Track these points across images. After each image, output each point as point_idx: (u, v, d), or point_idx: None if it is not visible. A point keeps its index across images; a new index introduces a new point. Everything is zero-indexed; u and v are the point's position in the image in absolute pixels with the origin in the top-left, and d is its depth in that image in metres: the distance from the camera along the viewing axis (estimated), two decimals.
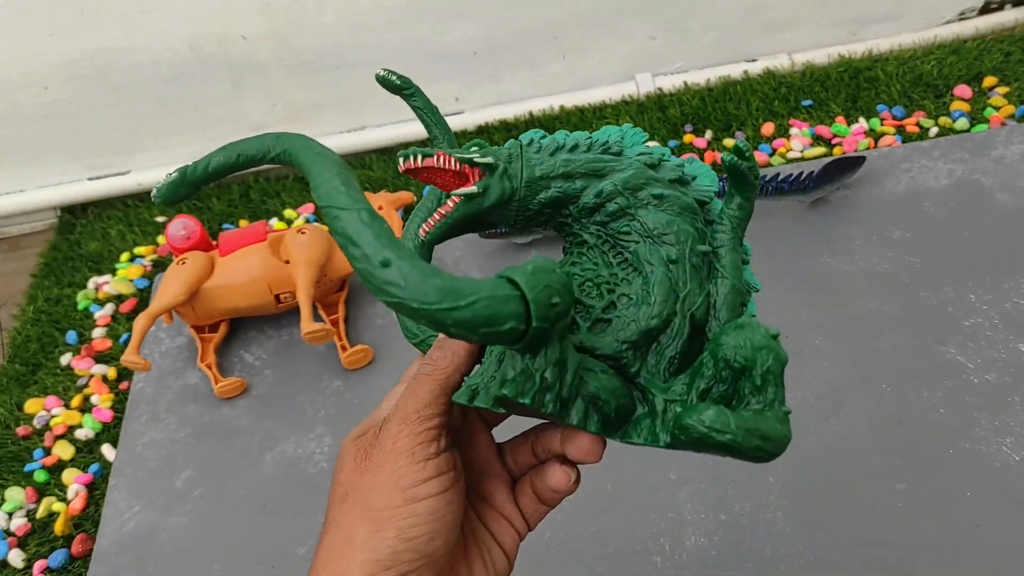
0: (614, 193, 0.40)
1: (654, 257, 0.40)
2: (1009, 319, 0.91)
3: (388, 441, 0.39)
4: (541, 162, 0.40)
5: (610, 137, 0.42)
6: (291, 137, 0.33)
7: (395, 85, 0.48)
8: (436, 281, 0.28)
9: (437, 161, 0.38)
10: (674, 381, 0.39)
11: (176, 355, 1.06)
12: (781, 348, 0.35)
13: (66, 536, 0.91)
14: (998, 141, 1.12)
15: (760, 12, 1.31)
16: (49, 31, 1.17)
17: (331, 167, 0.31)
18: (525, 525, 0.45)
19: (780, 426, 0.34)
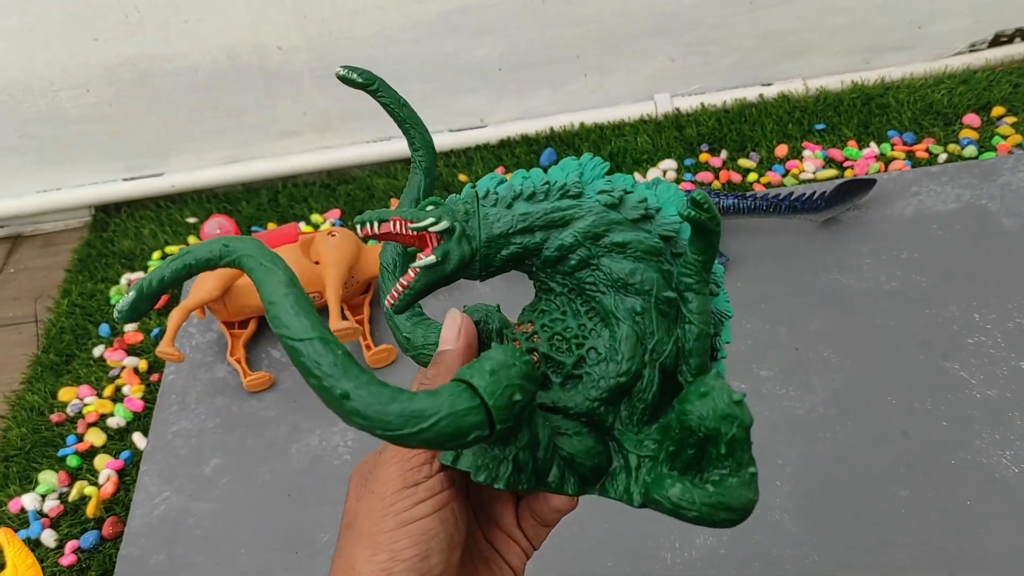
0: (575, 245, 0.39)
1: (620, 310, 0.39)
2: (1011, 338, 0.94)
3: (382, 467, 0.39)
4: (499, 217, 0.38)
5: (568, 177, 0.40)
6: (241, 245, 0.31)
7: (357, 83, 0.46)
8: (396, 407, 0.28)
9: (393, 227, 0.37)
10: (646, 432, 0.39)
11: (206, 349, 1.10)
12: (746, 413, 0.35)
13: (97, 519, 0.95)
14: (1005, 168, 1.15)
15: (777, 38, 1.36)
16: (93, 36, 1.22)
17: (281, 285, 0.30)
18: (530, 546, 0.45)
19: (745, 492, 0.35)
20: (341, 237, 1.04)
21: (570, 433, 0.38)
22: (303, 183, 1.39)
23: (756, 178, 1.22)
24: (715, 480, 0.35)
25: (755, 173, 1.23)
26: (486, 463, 0.37)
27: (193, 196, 1.39)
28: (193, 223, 1.33)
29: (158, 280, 0.32)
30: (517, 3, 1.27)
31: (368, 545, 0.37)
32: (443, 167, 1.35)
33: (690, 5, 1.30)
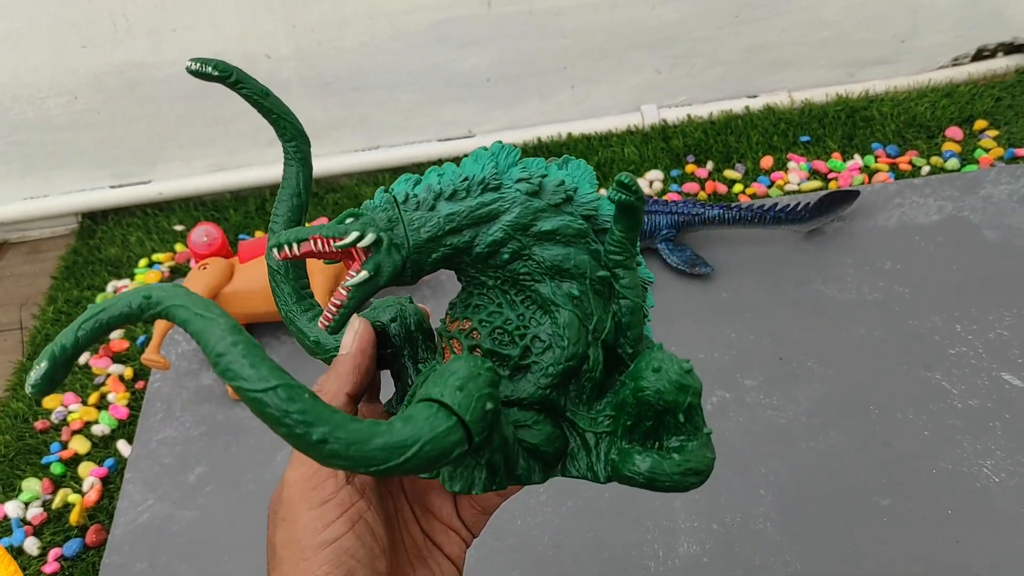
0: (505, 239, 0.39)
1: (558, 296, 0.39)
2: (992, 348, 0.95)
3: (286, 491, 0.38)
4: (424, 221, 0.38)
5: (484, 170, 0.39)
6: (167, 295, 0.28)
7: (212, 76, 0.42)
8: (377, 443, 0.28)
9: (315, 246, 0.35)
10: (597, 409, 0.40)
11: (192, 357, 1.10)
12: (697, 380, 0.37)
13: (81, 526, 0.94)
14: (987, 181, 1.17)
15: (762, 51, 1.37)
16: (82, 44, 1.22)
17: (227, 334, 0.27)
18: (470, 534, 0.45)
19: (706, 453, 0.37)
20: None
21: (529, 423, 0.39)
22: None
23: (741, 189, 1.23)
24: (676, 447, 0.37)
25: (740, 184, 1.24)
26: (460, 472, 0.38)
27: (180, 204, 1.39)
28: (180, 231, 1.33)
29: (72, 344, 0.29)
30: (505, 15, 1.28)
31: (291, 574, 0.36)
32: None
33: (676, 18, 1.31)
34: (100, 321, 0.29)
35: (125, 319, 0.29)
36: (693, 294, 1.08)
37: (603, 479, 0.39)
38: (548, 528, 0.85)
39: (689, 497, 0.86)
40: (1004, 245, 1.07)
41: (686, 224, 1.11)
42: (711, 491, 0.86)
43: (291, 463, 0.38)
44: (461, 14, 1.27)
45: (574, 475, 0.40)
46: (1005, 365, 0.93)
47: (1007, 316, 0.98)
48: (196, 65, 0.41)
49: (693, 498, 0.86)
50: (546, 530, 0.85)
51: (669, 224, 1.10)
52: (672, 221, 1.10)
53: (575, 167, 0.41)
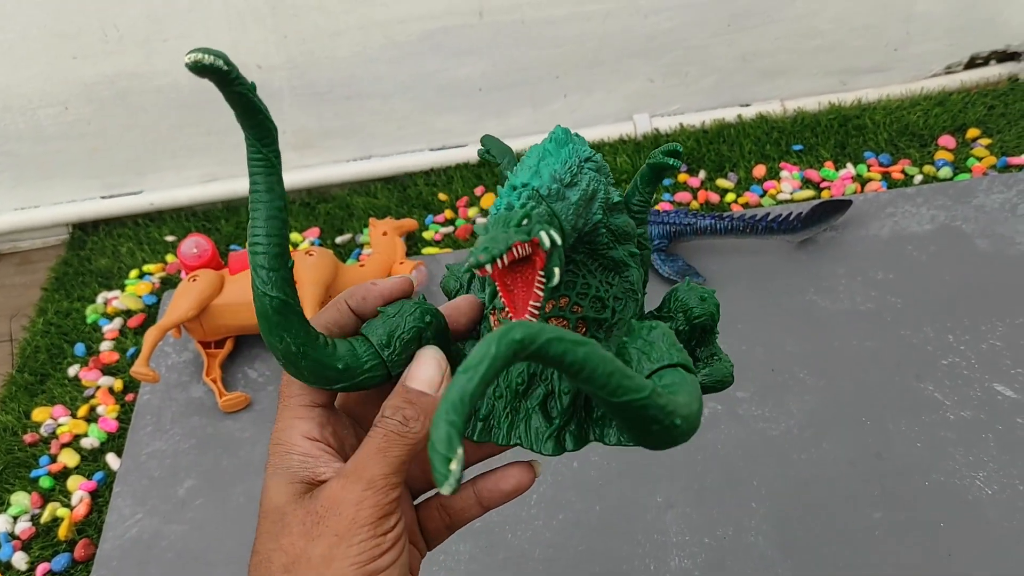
0: (603, 217, 0.41)
1: (626, 258, 0.43)
2: (985, 359, 0.95)
3: (350, 508, 0.35)
4: (565, 211, 0.38)
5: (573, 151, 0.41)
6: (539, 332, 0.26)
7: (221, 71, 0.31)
8: (696, 410, 0.33)
9: (517, 253, 0.34)
10: None
11: (182, 369, 1.09)
12: None
13: (69, 541, 0.94)
14: (979, 190, 1.16)
15: (755, 60, 1.37)
16: (73, 54, 1.22)
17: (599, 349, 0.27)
18: (426, 548, 0.44)
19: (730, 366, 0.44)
20: (319, 256, 1.04)
21: None
22: None
23: (734, 198, 1.23)
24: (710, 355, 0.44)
25: (733, 193, 1.24)
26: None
27: (172, 214, 1.39)
28: (171, 241, 1.33)
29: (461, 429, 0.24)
30: (498, 24, 1.27)
31: None
32: (424, 186, 1.35)
33: (669, 27, 1.31)
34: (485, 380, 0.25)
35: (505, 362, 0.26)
36: None
37: None
38: (539, 542, 0.85)
39: (681, 511, 0.85)
40: (997, 255, 1.07)
41: (678, 234, 1.11)
42: (703, 504, 0.86)
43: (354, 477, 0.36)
44: (454, 23, 1.27)
45: None
46: (997, 376, 0.93)
47: (999, 326, 0.98)
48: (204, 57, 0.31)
49: (685, 511, 0.85)
50: (537, 544, 0.85)
51: (661, 234, 1.10)
52: (664, 231, 1.10)
53: (582, 140, 0.45)
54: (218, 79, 0.33)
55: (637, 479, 0.89)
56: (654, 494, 0.87)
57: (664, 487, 0.88)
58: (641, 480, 0.88)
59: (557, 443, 0.40)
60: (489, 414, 0.42)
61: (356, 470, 0.36)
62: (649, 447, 0.33)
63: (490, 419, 0.42)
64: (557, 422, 0.40)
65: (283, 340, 0.37)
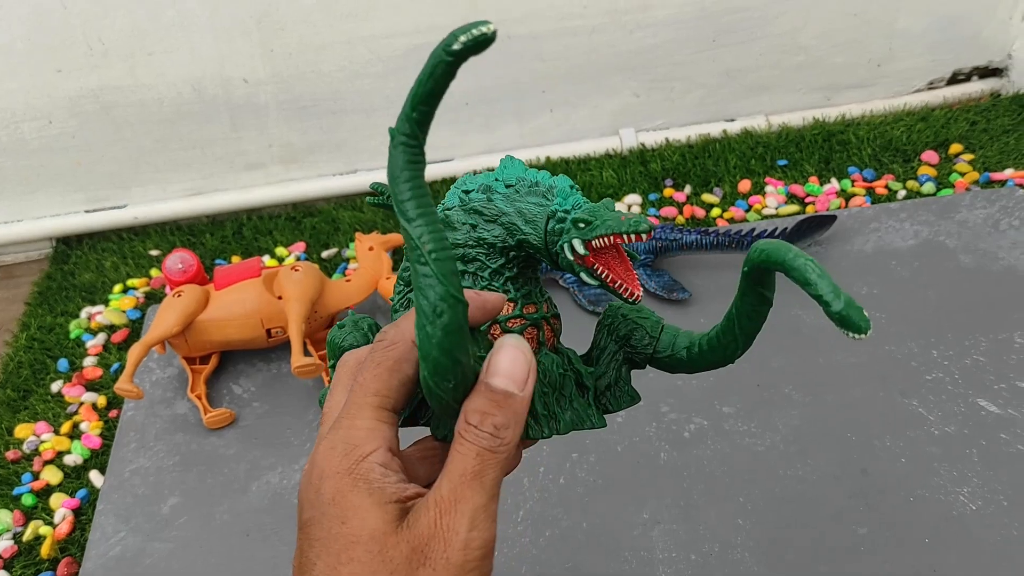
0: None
1: None
2: (969, 374, 0.96)
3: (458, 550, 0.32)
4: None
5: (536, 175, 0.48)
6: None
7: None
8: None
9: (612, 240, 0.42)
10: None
11: (166, 385, 1.08)
12: None
13: (52, 559, 0.93)
14: (962, 205, 1.17)
15: (740, 75, 1.38)
16: (57, 67, 1.21)
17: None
18: None
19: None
20: (304, 272, 1.04)
21: None
22: (268, 216, 1.38)
23: (719, 213, 1.23)
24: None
25: (719, 208, 1.24)
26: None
27: (156, 228, 1.38)
28: (156, 255, 1.32)
29: None
30: None
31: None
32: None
33: (654, 43, 1.31)
34: None
35: None
36: (671, 319, 1.06)
37: None
38: (525, 559, 0.85)
39: (667, 527, 0.85)
40: (979, 270, 1.08)
41: (664, 249, 1.11)
42: (688, 520, 0.86)
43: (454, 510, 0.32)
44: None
45: None
46: (981, 391, 0.94)
47: (983, 342, 0.99)
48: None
49: (671, 528, 0.85)
50: (523, 561, 0.85)
51: (647, 249, 1.10)
52: (650, 246, 1.10)
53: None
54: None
55: (623, 495, 0.88)
56: (640, 511, 0.87)
57: (650, 503, 0.88)
58: (627, 496, 0.88)
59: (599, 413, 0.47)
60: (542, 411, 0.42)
61: (455, 498, 0.32)
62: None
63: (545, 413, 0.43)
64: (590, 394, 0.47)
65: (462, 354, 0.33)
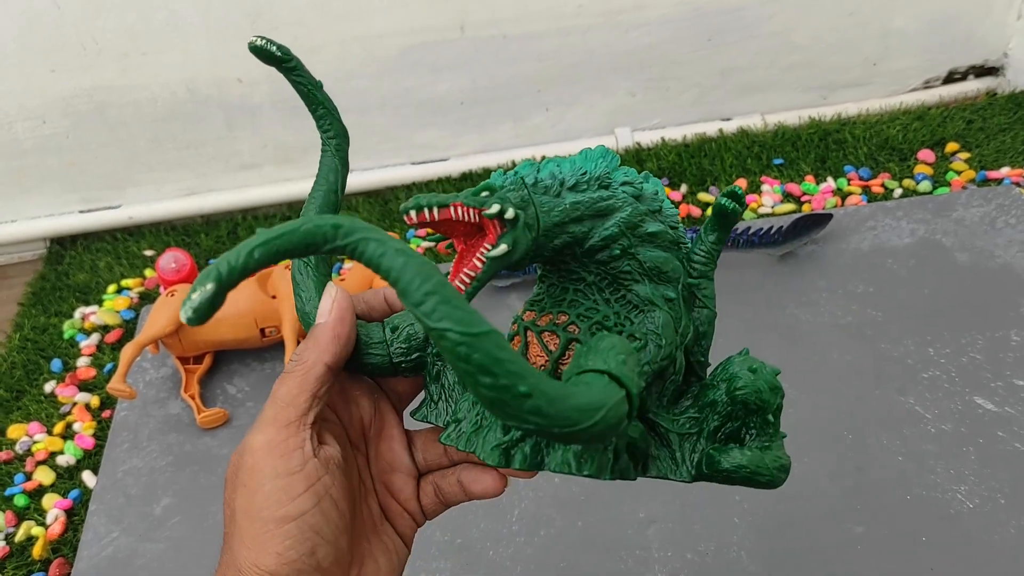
0: (618, 235, 0.40)
1: (656, 297, 0.41)
2: (965, 372, 0.95)
3: (249, 456, 0.36)
4: (553, 206, 0.39)
5: (598, 167, 0.41)
6: (360, 228, 0.27)
7: (274, 56, 0.43)
8: (573, 402, 0.27)
9: (454, 213, 0.35)
10: (676, 412, 0.41)
11: (160, 385, 1.08)
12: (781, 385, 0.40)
13: (44, 560, 0.92)
14: (959, 203, 1.17)
15: (735, 74, 1.37)
16: (51, 67, 1.21)
17: (436, 273, 0.26)
18: (424, 518, 0.45)
19: (785, 454, 0.40)
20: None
21: None
22: (263, 215, 1.38)
23: None
24: (761, 447, 0.40)
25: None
26: (589, 455, 0.38)
27: (151, 228, 1.38)
28: (150, 255, 1.32)
29: (241, 266, 0.26)
30: (478, 39, 1.27)
31: (251, 547, 0.35)
32: (405, 200, 1.35)
33: (649, 42, 1.31)
34: (278, 247, 0.26)
35: (306, 248, 0.27)
36: None
37: (690, 478, 0.40)
38: (520, 559, 0.84)
39: (663, 526, 0.85)
40: (976, 268, 1.07)
41: None
42: (684, 519, 0.85)
43: (257, 427, 0.37)
44: (434, 38, 1.27)
45: (654, 475, 0.41)
46: (978, 389, 0.93)
47: (979, 340, 0.98)
48: (261, 42, 0.43)
49: (667, 526, 0.85)
50: (518, 561, 0.84)
51: None
52: None
53: (656, 183, 0.43)
54: (279, 66, 0.44)
55: (619, 494, 0.88)
56: (636, 510, 0.87)
57: (646, 502, 0.87)
58: (623, 495, 0.88)
59: (504, 455, 0.39)
60: (462, 420, 0.41)
61: (259, 418, 0.37)
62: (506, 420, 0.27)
63: (462, 425, 0.41)
64: (511, 436, 0.40)
65: (299, 303, 0.43)
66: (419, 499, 0.45)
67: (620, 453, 0.38)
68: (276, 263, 0.27)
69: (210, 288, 0.26)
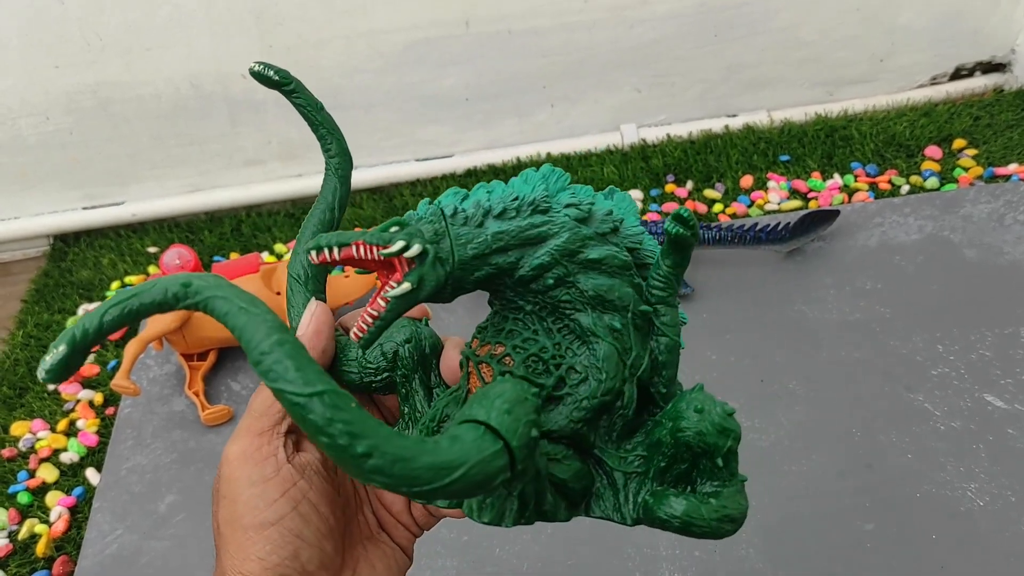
0: (551, 264, 0.37)
1: (599, 328, 0.38)
2: (974, 369, 0.95)
3: (226, 467, 0.37)
4: (471, 238, 0.36)
5: (535, 191, 0.38)
6: (207, 285, 0.28)
7: (272, 80, 0.44)
8: (424, 460, 0.26)
9: (357, 252, 0.34)
10: (627, 448, 0.39)
11: (164, 382, 1.07)
12: (737, 425, 0.36)
13: (47, 558, 0.92)
14: (966, 200, 1.16)
15: (741, 71, 1.37)
16: (55, 63, 1.21)
17: (273, 332, 0.26)
18: (419, 529, 0.45)
19: (741, 501, 0.36)
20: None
21: (559, 457, 0.37)
22: (267, 212, 1.37)
23: (722, 209, 1.23)
24: (712, 492, 0.36)
25: (721, 204, 1.23)
26: (491, 502, 0.36)
27: (154, 225, 1.37)
28: (154, 252, 1.31)
29: (95, 329, 0.27)
30: (484, 35, 1.27)
31: (234, 555, 0.36)
32: (409, 196, 1.34)
33: (655, 38, 1.31)
34: (130, 308, 0.28)
35: (158, 307, 0.27)
36: None
37: (631, 522, 0.38)
38: (527, 556, 0.84)
39: None
40: (984, 264, 1.07)
41: None
42: None
43: (232, 438, 0.38)
44: (439, 34, 1.26)
45: (598, 515, 0.39)
46: (987, 386, 0.93)
47: (989, 336, 0.98)
48: (259, 67, 0.43)
49: None
50: (525, 559, 0.84)
51: None
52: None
53: (621, 199, 0.41)
54: (279, 89, 0.44)
55: None
56: None
57: None
58: None
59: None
60: None
61: (235, 430, 0.39)
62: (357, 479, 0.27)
63: None
64: None
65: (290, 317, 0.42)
66: (411, 511, 0.45)
67: (528, 500, 0.36)
68: (133, 323, 0.28)
69: (62, 351, 0.27)
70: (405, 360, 0.41)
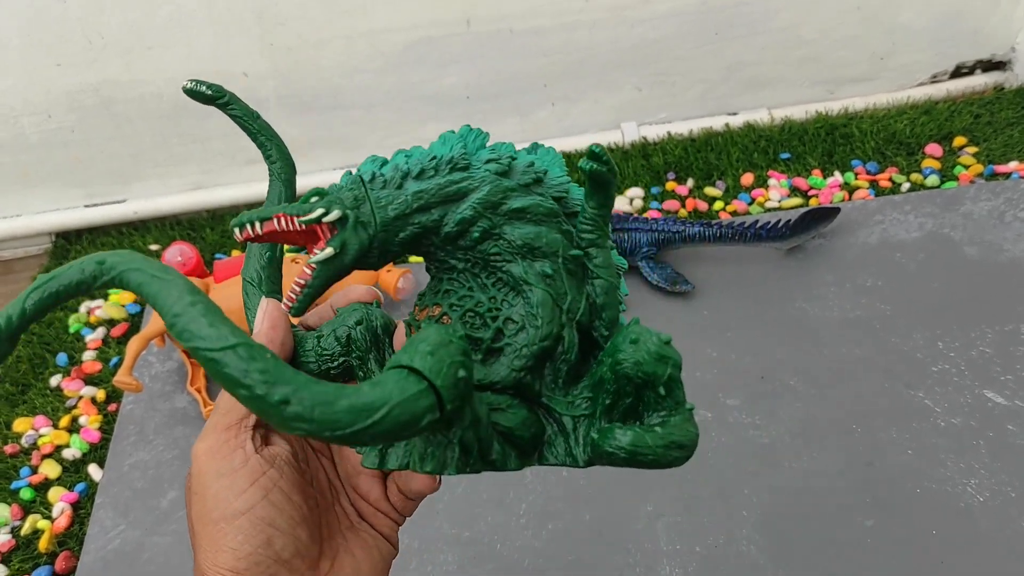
0: (475, 216, 0.38)
1: (530, 275, 0.38)
2: (975, 366, 0.95)
3: (194, 463, 0.37)
4: (391, 199, 0.38)
5: (453, 150, 0.39)
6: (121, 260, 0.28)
7: (206, 95, 0.45)
8: (343, 404, 0.26)
9: (279, 224, 0.35)
10: (574, 393, 0.39)
11: (166, 379, 1.08)
12: (675, 352, 0.36)
13: (50, 553, 0.92)
14: (967, 197, 1.17)
15: (742, 69, 1.37)
16: (56, 62, 1.21)
17: (185, 294, 0.26)
18: (400, 516, 0.45)
19: (690, 428, 0.36)
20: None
21: (503, 407, 0.38)
22: None
23: (722, 206, 1.23)
24: (659, 423, 0.36)
25: (721, 201, 1.24)
26: (431, 451, 0.37)
27: (156, 223, 1.37)
28: (156, 250, 1.31)
29: (19, 315, 0.28)
30: (484, 34, 1.27)
31: (208, 549, 0.36)
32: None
33: (656, 37, 1.31)
34: (49, 291, 0.28)
35: (76, 288, 0.28)
36: (674, 312, 1.07)
37: (583, 463, 0.38)
38: (528, 552, 0.84)
39: (671, 519, 0.85)
40: (985, 262, 1.07)
41: (667, 242, 1.10)
42: (693, 513, 0.85)
43: (200, 436, 0.38)
44: (440, 33, 1.26)
45: (552, 462, 0.39)
46: (988, 383, 0.93)
47: (989, 333, 0.98)
48: (192, 84, 0.44)
49: (675, 520, 0.85)
50: (526, 554, 0.84)
51: (649, 242, 1.10)
52: (652, 239, 1.10)
53: (544, 152, 0.41)
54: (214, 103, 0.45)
55: (627, 488, 0.88)
56: (644, 503, 0.86)
57: (654, 496, 0.87)
58: (631, 489, 0.88)
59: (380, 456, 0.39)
60: None
61: (203, 429, 0.38)
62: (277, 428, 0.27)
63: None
64: None
65: (248, 320, 0.42)
66: (388, 498, 0.45)
67: (470, 447, 0.36)
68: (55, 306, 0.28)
69: None
70: (359, 342, 0.41)
